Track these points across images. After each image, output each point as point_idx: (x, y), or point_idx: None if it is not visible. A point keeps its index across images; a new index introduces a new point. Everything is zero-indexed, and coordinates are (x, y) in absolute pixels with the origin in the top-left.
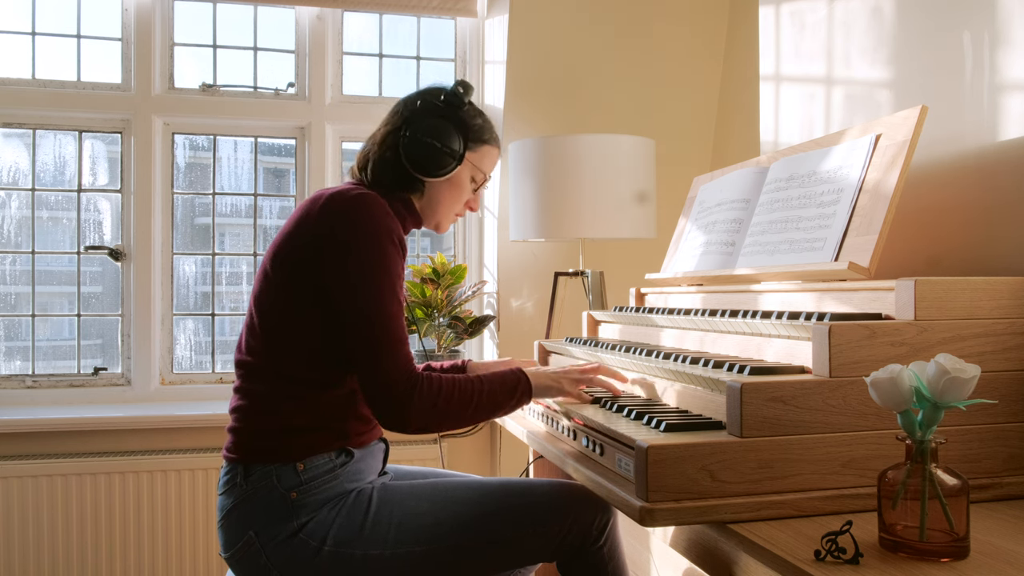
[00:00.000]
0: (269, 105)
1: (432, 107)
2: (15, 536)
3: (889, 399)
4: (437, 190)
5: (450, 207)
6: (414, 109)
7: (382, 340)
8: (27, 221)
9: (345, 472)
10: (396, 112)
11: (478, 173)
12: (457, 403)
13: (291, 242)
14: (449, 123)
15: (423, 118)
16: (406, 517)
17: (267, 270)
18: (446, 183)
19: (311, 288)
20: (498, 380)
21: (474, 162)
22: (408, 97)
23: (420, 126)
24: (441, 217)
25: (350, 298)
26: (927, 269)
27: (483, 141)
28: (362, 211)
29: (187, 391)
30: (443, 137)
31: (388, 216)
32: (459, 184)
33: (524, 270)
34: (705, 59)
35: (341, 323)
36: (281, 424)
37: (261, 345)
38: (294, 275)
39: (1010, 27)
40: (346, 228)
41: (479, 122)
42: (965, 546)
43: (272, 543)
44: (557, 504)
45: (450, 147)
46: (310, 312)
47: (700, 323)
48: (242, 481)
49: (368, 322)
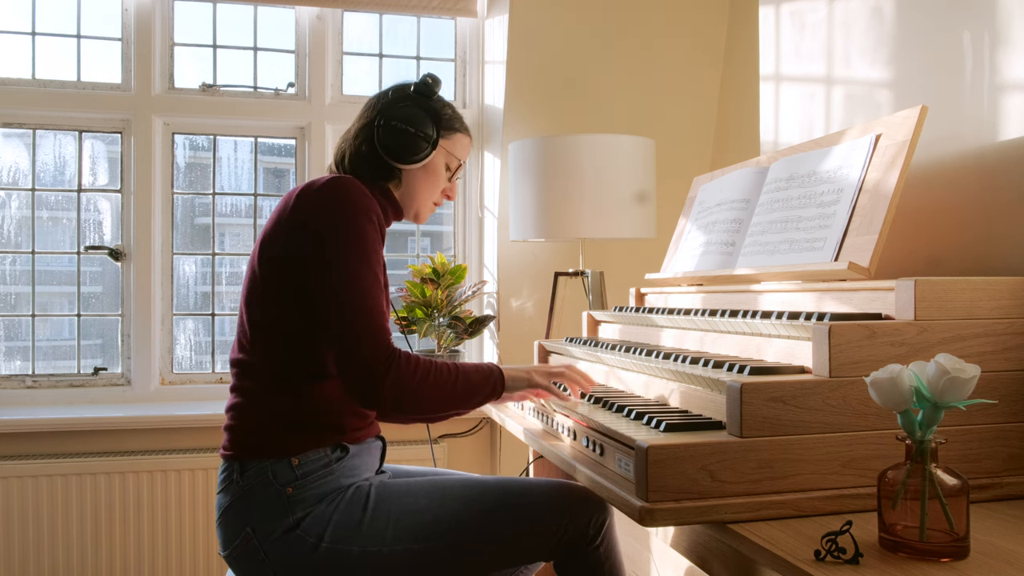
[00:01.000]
0: (269, 105)
1: (404, 97)
2: (15, 536)
3: (889, 399)
4: (414, 178)
5: (428, 195)
6: (386, 101)
7: (357, 315)
8: (27, 221)
9: (341, 467)
10: (368, 107)
11: (452, 160)
12: (433, 380)
13: (272, 237)
14: (421, 110)
15: (396, 107)
16: (404, 514)
17: (254, 268)
18: (422, 170)
19: (295, 281)
20: (473, 366)
21: (448, 148)
22: (379, 92)
23: (394, 113)
24: (420, 205)
25: (325, 276)
26: (927, 269)
27: (455, 129)
28: (338, 192)
29: (187, 391)
30: (416, 123)
31: (364, 196)
32: (435, 171)
33: (524, 270)
34: (705, 59)
35: (320, 304)
36: (275, 420)
37: (252, 343)
38: (279, 270)
39: (1010, 27)
40: (320, 211)
41: (448, 112)
42: (965, 546)
43: (269, 539)
44: (554, 503)
45: (424, 132)
46: (298, 307)
47: (700, 323)
48: (238, 478)
49: (343, 297)
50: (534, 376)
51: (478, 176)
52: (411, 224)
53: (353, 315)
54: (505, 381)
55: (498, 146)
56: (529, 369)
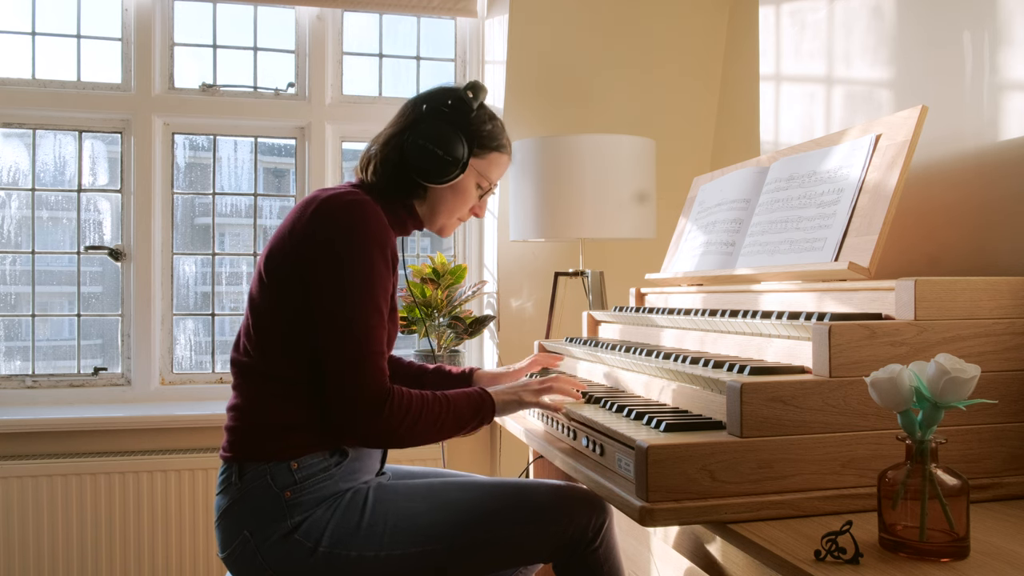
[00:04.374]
0: (269, 105)
1: (438, 112)
2: (15, 536)
3: (889, 399)
4: (440, 196)
5: (452, 213)
6: (420, 113)
7: (356, 353)
8: (27, 221)
9: (340, 471)
10: (403, 114)
11: (484, 181)
12: (424, 422)
13: (284, 244)
14: (455, 129)
15: (428, 123)
16: (402, 518)
17: (261, 271)
18: (449, 190)
19: (302, 291)
20: (463, 396)
21: (480, 170)
22: (416, 98)
23: (424, 131)
24: (443, 222)
25: (330, 304)
26: (927, 269)
27: (491, 148)
28: (355, 219)
29: (187, 391)
30: (447, 144)
31: (381, 226)
32: (463, 191)
33: (524, 270)
34: (705, 59)
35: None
36: (275, 423)
37: (255, 345)
38: (287, 277)
39: (1010, 27)
40: (337, 235)
41: (488, 128)
42: (965, 546)
43: (267, 543)
44: (553, 505)
45: (453, 155)
46: (302, 314)
47: (700, 323)
48: (237, 480)
49: (344, 332)
50: (524, 396)
51: None
52: None
53: (353, 354)
54: (495, 408)
55: None
56: (517, 390)
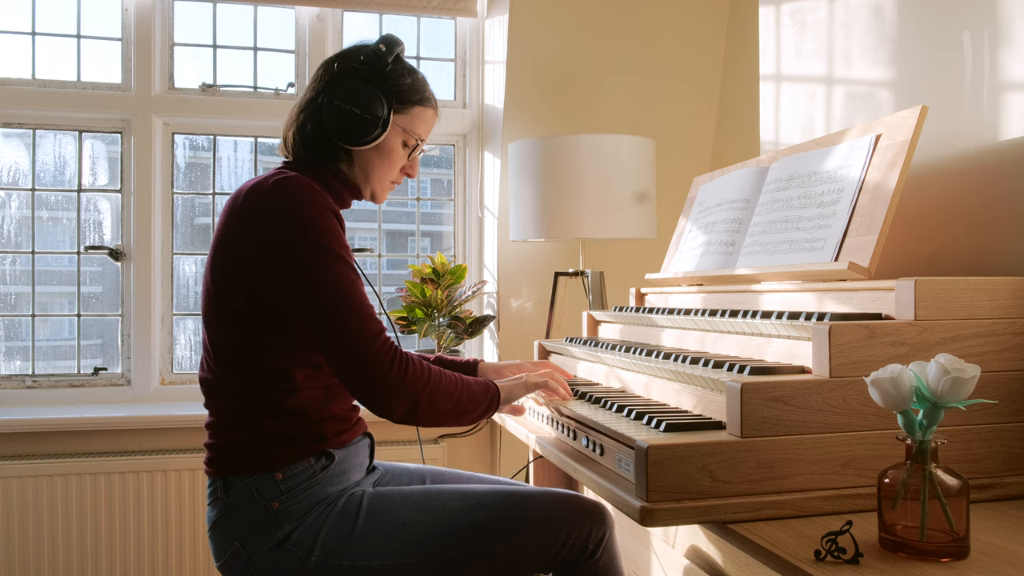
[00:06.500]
0: (269, 105)
1: (351, 69)
2: (15, 536)
3: (889, 399)
4: (366, 158)
5: (383, 175)
6: (333, 73)
7: (352, 320)
8: (27, 221)
9: (327, 476)
10: (316, 78)
11: (410, 138)
12: (444, 389)
13: (222, 251)
14: (371, 85)
15: (341, 82)
16: (396, 527)
17: (208, 285)
18: (374, 151)
19: (255, 293)
20: (473, 379)
21: (404, 126)
22: (328, 59)
23: (338, 92)
24: (375, 186)
25: (303, 288)
26: (927, 269)
27: (412, 103)
28: (285, 197)
29: (187, 391)
30: (365, 102)
31: (314, 193)
32: (389, 151)
33: (524, 270)
34: (705, 59)
35: (301, 318)
36: (253, 438)
37: (217, 362)
38: (234, 284)
39: (1010, 27)
40: (276, 215)
41: (407, 81)
42: (965, 546)
43: (258, 554)
44: (552, 517)
45: (372, 113)
46: (260, 320)
47: (700, 323)
48: (223, 494)
49: (331, 305)
50: (528, 377)
51: (478, 176)
52: (411, 224)
53: (349, 322)
54: (501, 396)
55: (498, 146)
56: (519, 377)
